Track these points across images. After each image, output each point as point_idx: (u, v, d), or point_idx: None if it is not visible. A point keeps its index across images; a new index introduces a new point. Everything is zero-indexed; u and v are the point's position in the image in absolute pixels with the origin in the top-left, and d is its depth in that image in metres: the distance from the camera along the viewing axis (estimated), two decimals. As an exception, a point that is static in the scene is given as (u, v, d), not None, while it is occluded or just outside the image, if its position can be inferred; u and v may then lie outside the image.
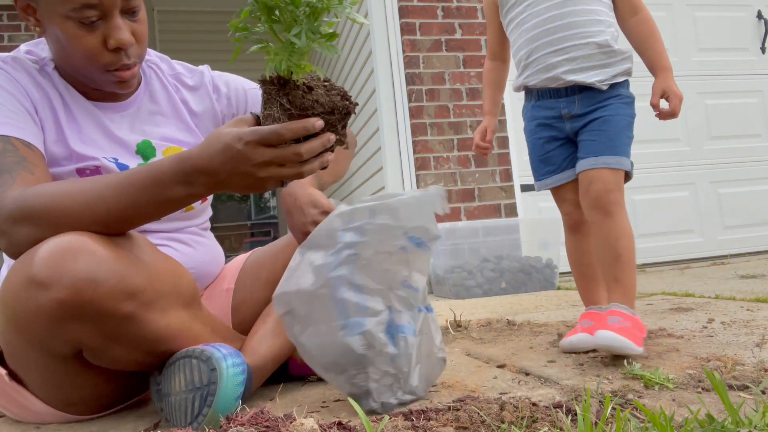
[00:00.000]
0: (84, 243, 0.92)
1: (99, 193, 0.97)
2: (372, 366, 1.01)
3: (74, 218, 0.96)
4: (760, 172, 4.16)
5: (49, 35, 1.13)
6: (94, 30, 1.09)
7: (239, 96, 1.38)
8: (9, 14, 5.63)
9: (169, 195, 0.95)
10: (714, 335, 1.54)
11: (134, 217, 0.98)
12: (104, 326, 0.94)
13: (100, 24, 1.09)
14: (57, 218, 0.95)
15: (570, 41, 1.46)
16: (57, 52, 1.16)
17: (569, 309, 2.28)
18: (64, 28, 1.09)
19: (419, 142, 3.48)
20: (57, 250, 0.91)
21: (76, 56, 1.12)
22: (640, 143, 3.96)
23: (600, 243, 1.42)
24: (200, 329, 1.08)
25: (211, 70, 1.40)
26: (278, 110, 0.91)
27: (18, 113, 1.10)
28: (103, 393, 1.12)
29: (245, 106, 1.39)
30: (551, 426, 0.85)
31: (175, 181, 0.94)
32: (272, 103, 0.92)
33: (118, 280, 0.92)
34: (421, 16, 3.57)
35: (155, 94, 1.30)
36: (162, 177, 0.95)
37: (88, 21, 1.08)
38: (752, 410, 0.80)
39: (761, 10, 4.25)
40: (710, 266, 3.71)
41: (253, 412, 0.88)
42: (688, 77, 4.10)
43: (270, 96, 0.93)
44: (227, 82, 1.38)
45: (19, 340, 1.01)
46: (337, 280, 1.01)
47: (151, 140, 1.25)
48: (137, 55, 1.16)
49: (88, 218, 0.96)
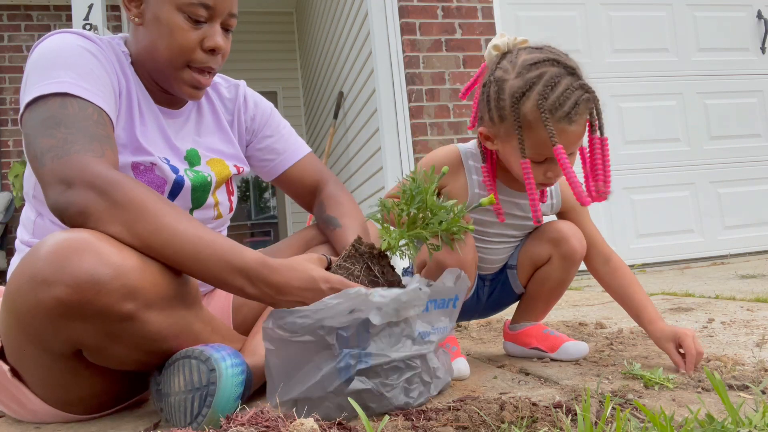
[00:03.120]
0: (89, 242, 0.92)
1: (184, 226, 0.99)
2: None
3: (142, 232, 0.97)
4: (760, 172, 4.16)
5: (148, 26, 1.18)
6: (198, 28, 1.17)
7: (264, 116, 1.45)
8: (9, 14, 5.64)
9: (227, 277, 0.99)
10: (714, 335, 1.54)
11: (184, 265, 0.99)
12: (104, 325, 0.94)
13: (204, 25, 1.17)
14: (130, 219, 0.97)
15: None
16: (148, 45, 1.19)
17: (569, 309, 2.28)
18: (172, 18, 1.15)
19: (419, 142, 3.48)
20: (62, 248, 0.91)
21: (171, 48, 1.17)
22: (640, 143, 3.99)
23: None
24: (201, 329, 1.08)
25: (246, 87, 1.47)
26: (362, 271, 1.07)
27: (108, 91, 1.14)
28: (102, 393, 1.12)
29: (265, 127, 1.45)
30: (551, 426, 0.85)
31: (244, 273, 0.98)
32: (357, 262, 1.07)
33: (119, 280, 0.92)
34: (421, 16, 3.57)
35: (201, 106, 1.36)
36: (238, 263, 0.99)
37: (198, 18, 1.15)
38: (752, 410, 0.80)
39: (761, 10, 4.25)
40: (710, 266, 3.71)
41: (252, 412, 0.88)
42: (687, 77, 4.10)
43: (359, 256, 1.08)
44: (257, 102, 1.46)
45: (20, 336, 1.01)
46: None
47: (197, 149, 1.32)
48: (219, 65, 1.23)
49: (152, 242, 0.97)
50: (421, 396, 1.04)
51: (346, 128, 4.81)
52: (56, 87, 1.06)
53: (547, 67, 1.17)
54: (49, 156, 1.01)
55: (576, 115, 1.15)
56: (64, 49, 1.11)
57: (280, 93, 7.10)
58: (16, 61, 5.54)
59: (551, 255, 1.38)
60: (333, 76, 5.17)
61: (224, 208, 1.37)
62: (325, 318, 0.96)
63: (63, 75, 1.08)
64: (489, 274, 1.46)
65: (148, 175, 1.20)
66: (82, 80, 1.09)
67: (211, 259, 0.98)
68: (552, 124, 1.13)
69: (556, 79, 1.15)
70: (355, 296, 0.97)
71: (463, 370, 1.26)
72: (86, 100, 1.07)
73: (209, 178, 1.29)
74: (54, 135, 1.02)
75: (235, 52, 6.66)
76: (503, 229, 1.39)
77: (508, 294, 1.49)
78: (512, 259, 1.45)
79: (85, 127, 1.04)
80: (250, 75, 6.61)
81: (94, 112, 1.08)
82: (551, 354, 1.39)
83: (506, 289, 1.47)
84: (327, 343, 0.98)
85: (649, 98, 4.03)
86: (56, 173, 0.99)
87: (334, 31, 4.94)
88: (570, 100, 1.14)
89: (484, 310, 1.53)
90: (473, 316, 1.54)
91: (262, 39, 6.97)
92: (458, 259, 1.22)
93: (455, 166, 1.35)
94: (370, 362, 0.98)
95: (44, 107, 1.05)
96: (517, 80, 1.18)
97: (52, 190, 0.99)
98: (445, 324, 1.14)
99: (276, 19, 7.12)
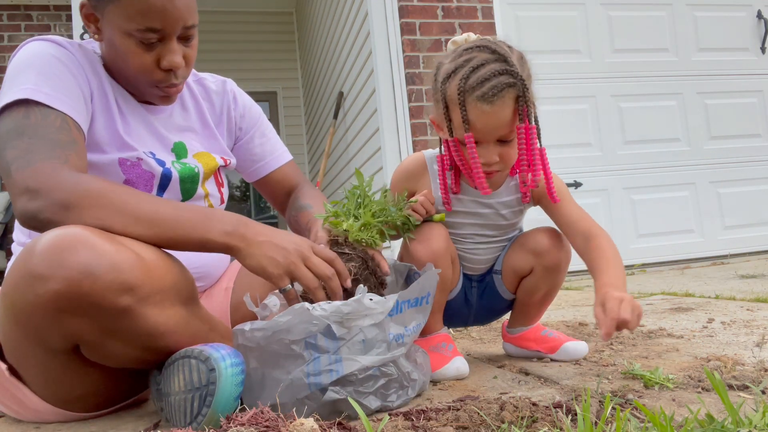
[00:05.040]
0: (84, 236, 0.93)
1: (151, 197, 1.05)
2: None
3: (119, 208, 1.01)
4: (760, 172, 4.16)
5: (107, 44, 1.19)
6: (152, 50, 1.16)
7: (253, 118, 1.48)
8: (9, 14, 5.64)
9: (208, 225, 1.04)
10: (714, 335, 1.54)
11: (166, 234, 1.03)
12: (101, 320, 0.95)
13: (158, 45, 1.16)
14: (102, 215, 1.00)
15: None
16: (111, 59, 1.21)
17: (569, 309, 2.28)
18: (124, 43, 1.15)
19: (419, 142, 3.48)
20: (56, 243, 0.92)
21: (129, 68, 1.18)
22: (640, 143, 4.00)
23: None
24: (198, 327, 1.08)
25: (234, 84, 1.48)
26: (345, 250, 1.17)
27: (75, 95, 1.15)
28: (101, 391, 1.12)
29: (254, 128, 1.48)
30: (551, 426, 0.85)
31: (224, 220, 1.05)
32: (335, 246, 1.17)
33: (115, 273, 0.92)
34: (421, 16, 3.57)
35: (185, 100, 1.37)
36: (215, 213, 1.06)
37: (148, 41, 1.14)
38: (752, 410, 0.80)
39: (761, 10, 4.25)
40: (710, 266, 3.71)
41: (252, 412, 0.88)
42: (688, 77, 4.10)
43: (338, 244, 1.18)
44: (245, 102, 1.48)
45: (18, 333, 1.01)
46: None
47: (184, 142, 1.33)
48: (184, 76, 1.23)
49: (131, 214, 1.01)
50: (399, 398, 1.04)
51: (346, 128, 4.81)
52: (19, 94, 1.08)
53: (477, 53, 1.20)
54: (14, 167, 1.03)
55: (494, 97, 1.15)
56: (30, 57, 1.14)
57: (280, 93, 7.10)
58: (16, 61, 5.54)
59: (533, 266, 1.35)
60: (333, 76, 5.17)
61: (215, 200, 1.38)
62: (281, 331, 0.99)
63: (25, 81, 1.10)
64: (476, 275, 1.44)
65: (136, 170, 1.21)
66: (45, 86, 1.11)
67: (192, 217, 1.05)
68: (469, 103, 1.17)
69: (481, 63, 1.18)
70: (300, 312, 0.99)
71: (462, 369, 1.26)
72: (48, 107, 1.09)
73: (196, 169, 1.31)
74: (17, 146, 1.05)
75: (235, 52, 6.67)
76: (477, 229, 1.38)
77: (498, 299, 1.45)
78: (498, 264, 1.42)
79: (47, 134, 1.07)
80: (250, 75, 6.62)
81: (56, 119, 1.09)
82: (551, 355, 1.39)
83: (495, 294, 1.45)
84: (295, 352, 0.99)
85: (649, 98, 4.02)
86: (21, 184, 1.02)
87: (334, 31, 4.94)
88: (490, 82, 1.16)
89: (478, 317, 1.51)
90: (467, 321, 1.53)
91: (262, 39, 6.97)
92: (430, 250, 1.26)
93: (420, 171, 1.39)
94: (342, 371, 0.98)
95: (9, 118, 1.08)
96: (450, 64, 1.23)
97: (19, 200, 1.02)
98: (419, 322, 1.15)
99: (276, 19, 7.12)
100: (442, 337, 1.33)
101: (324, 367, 0.99)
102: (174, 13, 1.12)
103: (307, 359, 0.99)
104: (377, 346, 1.03)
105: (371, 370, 1.01)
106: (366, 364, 1.00)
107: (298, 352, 0.99)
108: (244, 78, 5.89)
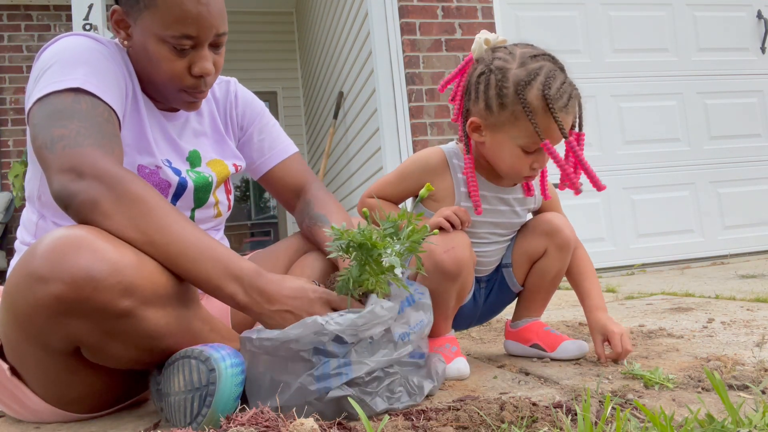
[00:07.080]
0: (86, 238, 0.93)
1: (188, 228, 1.03)
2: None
3: (143, 229, 1.00)
4: (760, 172, 4.16)
5: (138, 49, 1.19)
6: (184, 56, 1.17)
7: (254, 114, 1.47)
8: (9, 14, 5.64)
9: (222, 281, 1.02)
10: (714, 335, 1.54)
11: (181, 266, 1.01)
12: (102, 322, 0.95)
13: (189, 51, 1.17)
14: (136, 214, 1.00)
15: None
16: (141, 64, 1.21)
17: (569, 309, 2.28)
18: (157, 50, 1.16)
19: (419, 142, 3.48)
20: (58, 245, 0.92)
21: (159, 74, 1.18)
22: (640, 143, 3.99)
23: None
24: (199, 328, 1.09)
25: (238, 84, 1.48)
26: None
27: (118, 92, 1.16)
28: (101, 392, 1.12)
29: (254, 124, 1.47)
30: (551, 426, 0.85)
31: (239, 278, 1.02)
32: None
33: (116, 276, 0.92)
34: (421, 16, 3.57)
35: (200, 108, 1.37)
36: (235, 268, 1.03)
37: (181, 48, 1.15)
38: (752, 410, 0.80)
39: (761, 10, 4.25)
40: (710, 266, 3.71)
41: (252, 412, 0.88)
42: (688, 77, 4.10)
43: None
44: (246, 99, 1.47)
45: (19, 334, 1.01)
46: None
47: (199, 150, 1.34)
48: (212, 83, 1.24)
49: (156, 239, 1.00)
50: (405, 403, 1.04)
51: (346, 128, 4.81)
52: (69, 83, 1.09)
53: (545, 61, 1.25)
54: (60, 144, 1.03)
55: (571, 108, 1.23)
56: (77, 48, 1.14)
57: (280, 93, 7.10)
58: (16, 61, 5.54)
59: (547, 247, 1.40)
60: (333, 76, 5.17)
61: (223, 207, 1.40)
62: (291, 341, 0.98)
63: (75, 72, 1.10)
64: (484, 276, 1.46)
65: (154, 178, 1.22)
66: (94, 77, 1.11)
67: (209, 261, 1.01)
68: (557, 112, 1.20)
69: (554, 73, 1.23)
70: (313, 325, 0.98)
71: (463, 370, 1.26)
72: (98, 98, 1.10)
73: (210, 178, 1.32)
74: (67, 126, 1.05)
75: (236, 52, 6.67)
76: (493, 228, 1.40)
77: (505, 294, 1.49)
78: (506, 258, 1.47)
79: (97, 123, 1.07)
80: (250, 75, 6.61)
81: (104, 111, 1.10)
82: (551, 353, 1.39)
83: (503, 289, 1.48)
84: (303, 357, 0.98)
85: (649, 98, 4.02)
86: (66, 162, 1.01)
87: (334, 31, 4.94)
88: (567, 93, 1.22)
89: (482, 315, 1.53)
90: (472, 322, 1.54)
91: (262, 39, 6.98)
92: (456, 259, 1.24)
93: (442, 167, 1.38)
94: (351, 374, 0.98)
95: (57, 100, 1.08)
96: (521, 70, 1.24)
97: (60, 177, 1.01)
98: (422, 318, 1.14)
99: (276, 19, 7.12)
100: (448, 339, 1.35)
101: (333, 371, 0.98)
102: (209, 21, 1.14)
103: (316, 364, 0.98)
104: (383, 347, 1.03)
105: (377, 372, 1.01)
106: (374, 366, 1.00)
107: (306, 357, 0.98)
108: (244, 78, 5.87)
